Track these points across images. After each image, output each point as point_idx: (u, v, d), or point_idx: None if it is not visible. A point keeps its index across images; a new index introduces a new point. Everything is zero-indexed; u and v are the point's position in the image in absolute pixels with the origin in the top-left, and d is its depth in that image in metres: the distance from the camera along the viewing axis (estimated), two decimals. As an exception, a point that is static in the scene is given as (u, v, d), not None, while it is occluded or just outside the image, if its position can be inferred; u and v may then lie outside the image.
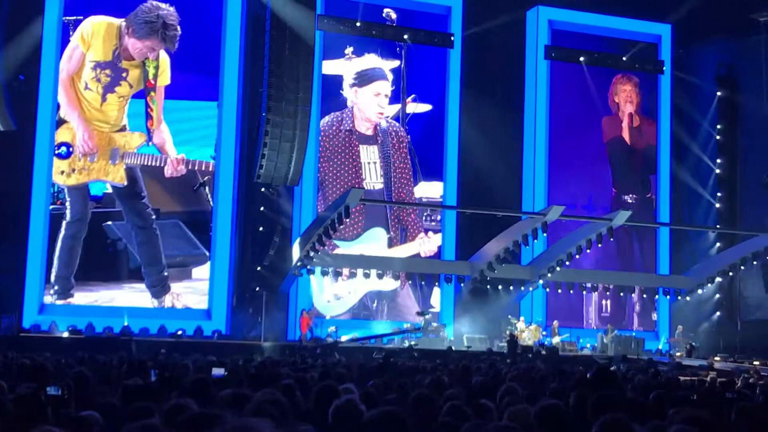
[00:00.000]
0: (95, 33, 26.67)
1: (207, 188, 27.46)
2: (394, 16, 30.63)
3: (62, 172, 26.51)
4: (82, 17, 26.78)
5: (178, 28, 26.79)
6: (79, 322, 25.01)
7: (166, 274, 26.97)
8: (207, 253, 27.32)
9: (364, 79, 30.33)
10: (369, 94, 30.33)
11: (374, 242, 29.63)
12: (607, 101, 33.06)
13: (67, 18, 26.72)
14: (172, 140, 27.24)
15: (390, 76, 30.50)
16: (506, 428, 4.62)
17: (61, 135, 26.61)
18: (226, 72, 27.53)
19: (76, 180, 26.60)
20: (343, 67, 30.02)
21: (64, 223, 26.39)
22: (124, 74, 26.83)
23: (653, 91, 33.35)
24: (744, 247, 29.29)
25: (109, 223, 26.76)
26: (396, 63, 30.42)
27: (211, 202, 27.46)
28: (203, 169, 27.40)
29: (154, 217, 26.98)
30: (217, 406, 5.85)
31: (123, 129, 26.97)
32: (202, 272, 27.45)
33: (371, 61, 30.51)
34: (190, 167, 27.25)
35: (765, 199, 29.76)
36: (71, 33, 26.67)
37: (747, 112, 32.33)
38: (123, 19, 26.72)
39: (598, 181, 32.72)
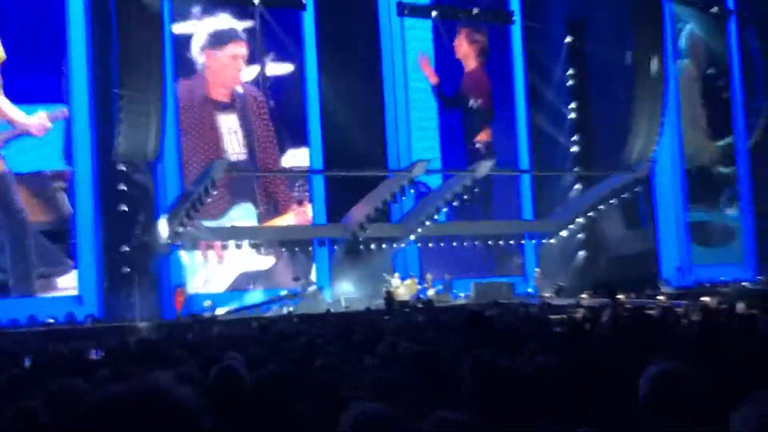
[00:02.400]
0: None
1: (64, 194, 26.44)
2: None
3: None
4: None
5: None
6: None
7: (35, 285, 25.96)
8: (71, 262, 26.30)
9: (218, 39, 29.36)
10: (224, 57, 29.41)
11: (242, 219, 29.05)
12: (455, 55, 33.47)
13: None
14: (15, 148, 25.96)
15: (244, 36, 29.78)
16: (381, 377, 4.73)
17: None
18: (74, 70, 26.47)
19: None
20: (194, 27, 29.10)
21: None
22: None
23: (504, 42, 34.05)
24: (602, 187, 30.46)
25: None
26: (250, 23, 29.78)
27: (69, 208, 26.44)
28: (61, 117, 26.21)
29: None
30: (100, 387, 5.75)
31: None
32: (68, 281, 26.35)
33: (224, 21, 29.66)
34: (51, 119, 26.13)
35: (618, 140, 30.88)
36: None
37: (596, 56, 33.34)
38: None
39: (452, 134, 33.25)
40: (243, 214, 29.18)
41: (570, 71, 34.04)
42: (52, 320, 24.77)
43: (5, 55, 25.93)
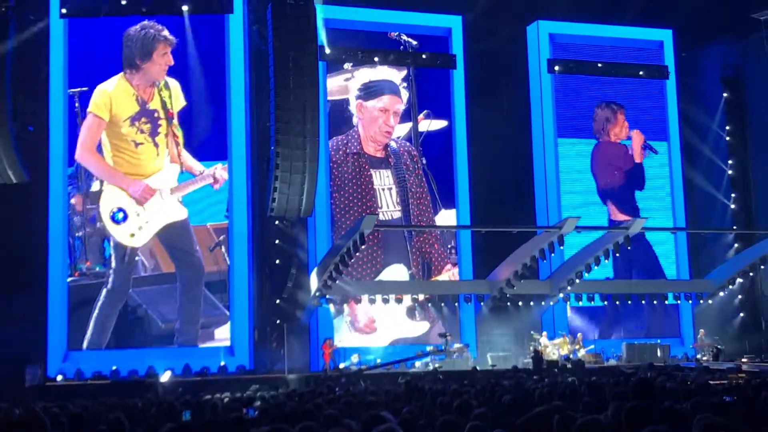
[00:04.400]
0: (109, 97, 27.11)
1: (223, 247, 27.40)
2: (414, 43, 30.45)
3: (132, 236, 26.75)
4: (87, 88, 27.17)
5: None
6: (103, 367, 25.10)
7: (199, 333, 26.93)
8: (227, 313, 27.12)
9: (371, 91, 29.80)
10: (374, 109, 29.78)
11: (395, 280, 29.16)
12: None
13: (72, 90, 27.19)
14: (186, 209, 27.34)
15: (403, 92, 30.04)
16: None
17: (112, 201, 26.86)
18: (233, 127, 27.59)
19: (147, 236, 26.83)
20: (348, 80, 29.68)
21: (104, 291, 26.44)
22: (155, 114, 27.17)
23: (660, 97, 33.30)
24: (762, 246, 29.14)
25: (130, 290, 26.75)
26: (404, 73, 30.16)
27: (227, 261, 27.32)
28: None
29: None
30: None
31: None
32: (224, 332, 27.10)
33: (380, 72, 30.07)
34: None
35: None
36: (76, 104, 27.00)
37: (754, 111, 32.31)
38: (120, 73, 27.15)
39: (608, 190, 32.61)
40: (396, 276, 29.28)
41: (727, 127, 32.99)
42: (205, 370, 25.50)
43: (187, 102, 27.32)
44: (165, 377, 24.29)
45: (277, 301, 28.01)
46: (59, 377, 24.92)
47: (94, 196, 26.99)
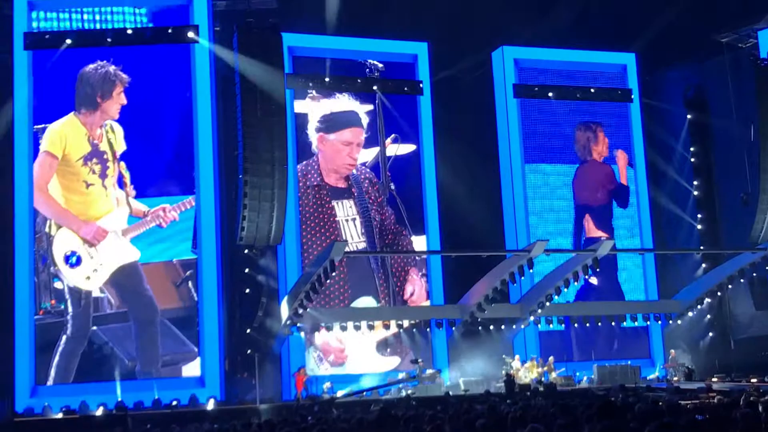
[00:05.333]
0: (62, 134, 26.92)
1: (190, 282, 27.17)
2: (380, 66, 30.54)
3: (87, 278, 26.50)
4: (45, 126, 26.99)
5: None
6: (72, 401, 24.74)
7: (161, 372, 26.61)
8: (195, 350, 26.85)
9: (332, 124, 29.76)
10: (337, 142, 29.80)
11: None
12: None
13: (37, 126, 27.00)
14: (138, 250, 27.08)
15: (365, 119, 30.11)
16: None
17: (64, 245, 26.58)
18: (201, 159, 27.39)
19: (102, 278, 26.58)
20: (310, 108, 29.68)
21: (64, 337, 26.21)
22: (104, 156, 26.99)
23: (625, 119, 33.65)
24: (730, 266, 29.38)
25: (94, 328, 26.44)
26: (370, 107, 30.30)
27: (195, 297, 27.09)
28: (188, 207, 27.18)
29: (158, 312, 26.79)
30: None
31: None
32: (192, 369, 26.82)
33: (342, 103, 30.11)
34: (177, 211, 27.13)
35: (744, 217, 29.96)
36: (40, 140, 26.83)
37: (718, 132, 32.71)
38: (71, 113, 26.99)
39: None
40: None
41: (692, 148, 33.37)
42: (175, 402, 25.22)
43: (126, 146, 27.13)
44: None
45: (248, 331, 27.81)
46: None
47: (47, 239, 26.66)
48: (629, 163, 33.17)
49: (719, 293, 30.03)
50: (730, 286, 29.41)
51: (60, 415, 23.81)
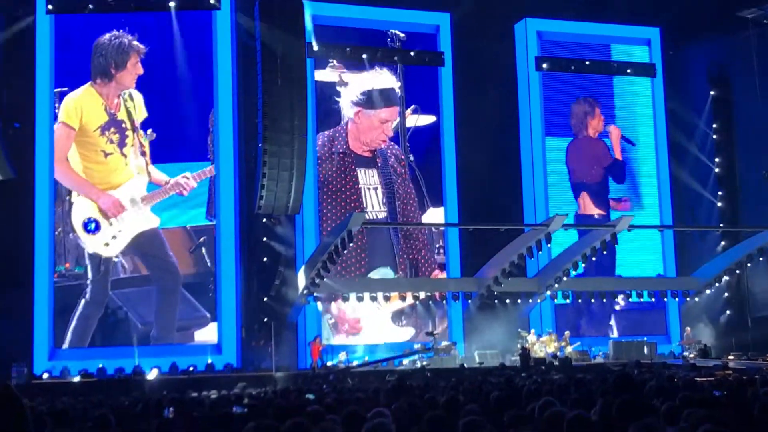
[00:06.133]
0: (79, 105, 26.93)
1: (204, 249, 27.29)
2: (402, 36, 30.43)
3: (106, 245, 26.63)
4: (68, 89, 27.00)
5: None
6: (90, 365, 24.99)
7: (175, 337, 26.82)
8: (208, 315, 27.00)
9: (372, 101, 29.73)
10: (375, 119, 29.78)
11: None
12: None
13: (57, 90, 27.00)
14: (158, 217, 27.20)
15: (398, 100, 29.90)
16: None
17: (83, 212, 26.71)
18: (221, 127, 27.43)
19: (121, 244, 26.73)
20: (344, 79, 29.54)
21: (83, 302, 26.36)
22: (123, 125, 27.02)
23: (647, 95, 33.36)
24: (749, 244, 29.21)
25: (110, 293, 26.64)
26: (393, 79, 30.10)
27: (208, 263, 27.21)
28: (208, 175, 27.27)
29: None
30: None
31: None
32: (204, 334, 27.01)
33: (378, 79, 29.95)
34: (197, 179, 27.23)
35: (766, 194, 29.72)
36: (56, 105, 26.84)
37: (741, 109, 32.38)
38: (88, 83, 26.97)
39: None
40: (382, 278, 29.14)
41: (714, 125, 33.07)
42: (192, 368, 25.42)
43: (148, 113, 27.15)
44: (152, 375, 24.20)
45: (265, 299, 27.94)
46: (45, 375, 24.79)
47: (68, 204, 26.81)
48: (622, 137, 32.79)
49: (738, 271, 29.89)
50: (749, 264, 29.27)
51: (77, 378, 24.06)
